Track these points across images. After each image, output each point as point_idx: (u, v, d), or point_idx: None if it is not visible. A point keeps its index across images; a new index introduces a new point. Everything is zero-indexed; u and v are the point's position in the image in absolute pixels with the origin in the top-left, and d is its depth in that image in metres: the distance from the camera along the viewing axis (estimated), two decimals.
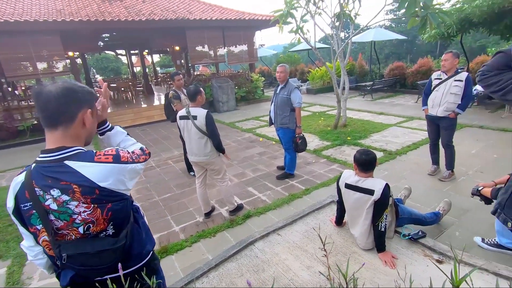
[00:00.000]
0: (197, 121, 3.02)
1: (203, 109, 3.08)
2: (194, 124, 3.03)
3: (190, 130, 3.09)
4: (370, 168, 2.30)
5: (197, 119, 3.02)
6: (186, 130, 3.13)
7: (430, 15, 3.88)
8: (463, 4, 6.74)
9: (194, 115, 3.03)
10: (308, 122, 7.81)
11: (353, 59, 14.12)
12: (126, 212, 1.13)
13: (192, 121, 3.04)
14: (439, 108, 3.81)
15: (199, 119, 3.01)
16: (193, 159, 3.23)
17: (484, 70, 1.37)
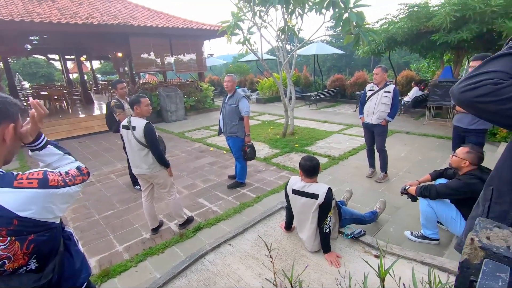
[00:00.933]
0: (136, 132, 2.88)
1: (143, 119, 2.93)
2: (134, 135, 2.89)
3: (131, 141, 2.92)
4: (314, 174, 2.42)
5: (135, 130, 2.88)
6: (127, 140, 2.95)
7: (362, 33, 4.32)
8: (389, 25, 7.65)
9: (134, 126, 2.89)
10: (258, 131, 7.97)
11: (298, 70, 14.94)
12: (53, 242, 0.98)
13: (131, 132, 2.90)
14: (373, 116, 4.22)
15: (138, 130, 2.87)
16: (136, 172, 3.04)
17: (497, 77, 0.73)
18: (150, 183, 3.18)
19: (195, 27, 10.71)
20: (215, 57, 21.74)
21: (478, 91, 0.75)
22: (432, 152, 5.54)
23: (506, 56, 0.77)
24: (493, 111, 0.74)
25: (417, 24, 6.92)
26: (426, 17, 6.78)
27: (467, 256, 0.70)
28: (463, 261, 0.70)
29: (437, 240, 2.74)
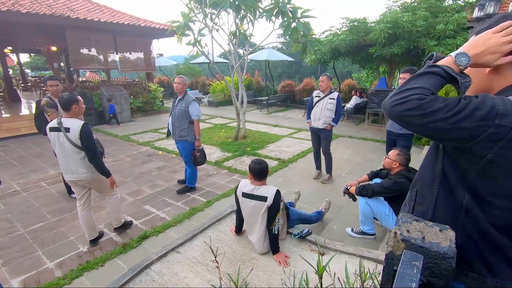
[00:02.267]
0: (70, 134, 2.62)
1: (78, 120, 2.68)
2: (67, 138, 2.62)
3: (63, 144, 2.63)
4: (263, 176, 2.47)
5: (70, 131, 2.62)
6: (58, 144, 2.65)
7: (308, 42, 4.57)
8: (333, 37, 8.24)
9: (67, 127, 2.62)
10: (210, 134, 7.87)
11: (250, 75, 15.18)
12: None
13: (64, 134, 2.62)
14: (319, 121, 4.47)
15: (73, 132, 2.61)
16: (70, 178, 2.74)
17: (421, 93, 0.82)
18: (87, 190, 2.91)
19: (143, 24, 10.18)
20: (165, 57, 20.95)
21: (405, 106, 0.83)
22: (370, 154, 6.08)
23: (426, 74, 0.87)
24: (418, 124, 0.83)
25: (357, 38, 7.58)
26: (365, 31, 7.47)
27: (392, 248, 0.77)
28: (388, 253, 0.78)
29: (373, 235, 3.01)
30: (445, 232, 0.77)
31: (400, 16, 6.64)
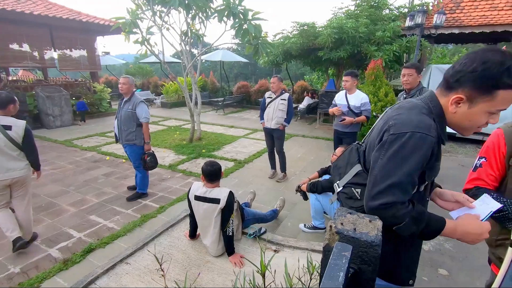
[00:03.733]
0: (12, 132, 2.60)
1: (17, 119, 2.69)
2: (6, 135, 2.57)
3: None
4: (216, 178, 2.45)
5: (12, 129, 2.60)
6: None
7: (260, 44, 4.65)
8: (285, 40, 8.50)
9: (7, 125, 2.59)
10: (164, 137, 7.56)
11: (205, 76, 14.95)
12: None
13: (2, 131, 2.55)
14: (272, 121, 4.57)
15: (16, 130, 2.62)
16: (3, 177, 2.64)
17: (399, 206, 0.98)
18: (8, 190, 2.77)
19: (84, 19, 9.39)
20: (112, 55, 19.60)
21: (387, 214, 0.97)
22: (322, 152, 6.40)
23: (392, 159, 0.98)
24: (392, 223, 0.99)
25: (307, 41, 7.93)
26: (314, 35, 7.84)
27: (328, 241, 0.82)
28: (325, 245, 0.82)
29: (324, 229, 3.17)
30: (374, 222, 0.84)
31: (344, 23, 7.11)
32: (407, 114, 1.02)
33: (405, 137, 0.95)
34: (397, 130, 0.98)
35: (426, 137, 0.94)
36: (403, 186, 0.97)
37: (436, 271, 2.62)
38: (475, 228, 0.98)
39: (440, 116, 1.01)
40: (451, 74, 0.97)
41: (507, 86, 0.85)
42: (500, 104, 0.89)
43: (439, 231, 0.99)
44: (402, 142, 0.96)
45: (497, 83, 0.86)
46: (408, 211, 0.96)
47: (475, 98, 0.92)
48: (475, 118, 0.95)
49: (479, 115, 0.93)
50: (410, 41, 6.70)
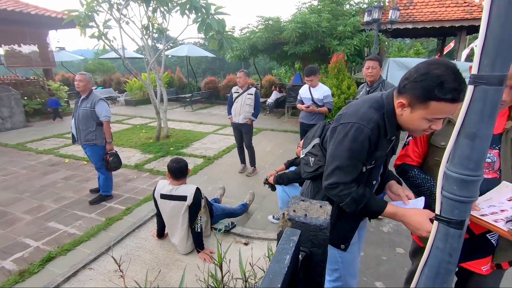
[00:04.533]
0: None
1: None
2: None
3: None
4: (182, 175, 2.42)
5: None
6: None
7: (224, 39, 4.61)
8: (251, 34, 8.49)
9: None
10: (129, 136, 7.27)
11: (172, 71, 14.53)
12: None
13: None
14: (239, 116, 4.57)
15: None
16: None
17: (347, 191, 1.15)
18: None
19: (33, 12, 8.64)
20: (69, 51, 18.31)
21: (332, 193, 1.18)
22: (290, 145, 6.54)
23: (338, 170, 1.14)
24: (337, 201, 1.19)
25: (272, 36, 7.99)
26: (279, 30, 7.92)
27: (281, 228, 0.85)
28: (279, 232, 0.85)
29: None
30: (324, 207, 0.89)
31: (308, 17, 7.25)
32: (357, 106, 1.14)
33: (348, 127, 1.08)
34: (344, 120, 1.12)
35: (363, 129, 1.05)
36: (345, 169, 1.11)
37: (394, 250, 2.82)
38: (415, 222, 1.07)
39: (391, 114, 1.11)
40: (401, 80, 1.06)
41: (437, 98, 0.93)
42: (434, 113, 0.97)
43: (378, 213, 1.14)
44: (346, 131, 1.09)
45: (429, 95, 0.94)
46: (349, 192, 1.11)
47: (415, 105, 1.01)
48: (416, 123, 1.04)
49: (419, 120, 1.02)
50: (369, 36, 7.02)
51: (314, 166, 1.30)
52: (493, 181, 1.13)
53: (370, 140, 1.07)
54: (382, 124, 1.09)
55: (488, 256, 1.18)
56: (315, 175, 1.31)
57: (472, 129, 0.58)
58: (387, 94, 1.13)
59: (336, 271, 1.41)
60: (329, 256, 1.42)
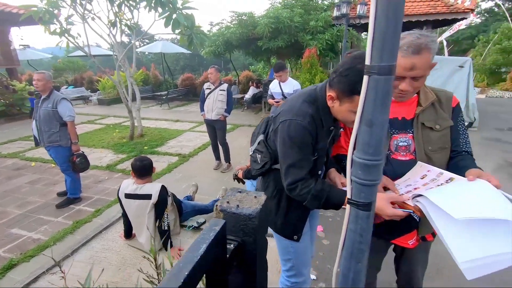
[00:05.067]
0: None
1: None
2: None
3: None
4: (146, 174, 2.39)
5: None
6: None
7: (193, 35, 4.54)
8: (225, 30, 8.43)
9: None
10: (101, 136, 7.05)
11: (147, 69, 14.17)
12: None
13: None
14: (212, 112, 4.55)
15: None
16: None
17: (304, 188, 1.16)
18: None
19: None
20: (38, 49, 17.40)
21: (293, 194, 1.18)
22: None
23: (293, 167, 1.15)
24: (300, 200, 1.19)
25: (246, 31, 7.96)
26: (252, 25, 7.91)
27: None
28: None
29: None
30: (258, 198, 0.91)
31: (280, 12, 7.29)
32: (292, 102, 1.18)
33: (286, 125, 1.11)
34: (282, 118, 1.14)
35: (300, 124, 1.09)
36: (297, 165, 1.13)
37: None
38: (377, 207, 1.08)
39: (324, 106, 1.15)
40: (331, 73, 1.10)
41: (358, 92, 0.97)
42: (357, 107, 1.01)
43: (340, 204, 1.13)
44: (285, 129, 1.11)
45: (353, 89, 0.97)
46: (308, 190, 1.12)
47: (342, 98, 1.05)
48: (345, 115, 1.08)
49: (347, 113, 1.06)
50: (340, 30, 7.16)
51: (261, 163, 1.31)
52: (410, 162, 1.21)
53: (310, 134, 1.10)
54: (317, 116, 1.12)
55: (413, 231, 1.26)
56: (262, 172, 1.33)
57: (369, 116, 0.62)
58: (320, 86, 1.17)
59: (289, 261, 1.45)
60: (282, 247, 1.46)
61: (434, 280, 2.21)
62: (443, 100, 1.24)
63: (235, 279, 0.93)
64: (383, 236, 1.32)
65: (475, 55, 15.97)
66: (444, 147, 1.22)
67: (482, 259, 0.82)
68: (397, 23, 0.56)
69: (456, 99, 1.27)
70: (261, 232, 0.88)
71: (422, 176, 1.15)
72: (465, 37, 22.42)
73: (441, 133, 1.21)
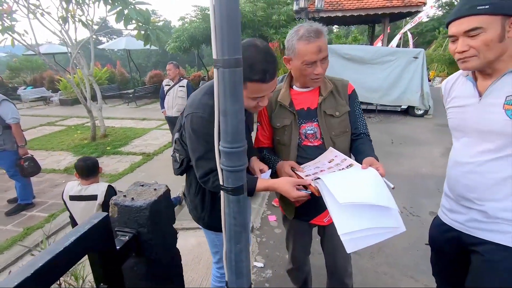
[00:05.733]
0: None
1: None
2: None
3: None
4: (91, 174, 2.33)
5: None
6: None
7: (149, 30, 4.44)
8: (189, 25, 8.29)
9: None
10: (61, 138, 6.74)
11: (112, 66, 13.64)
12: None
13: None
14: (173, 109, 4.50)
15: None
16: None
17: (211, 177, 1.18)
18: None
19: None
20: None
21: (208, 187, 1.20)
22: None
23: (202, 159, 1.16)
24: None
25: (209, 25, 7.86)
26: None
27: (111, 214, 0.90)
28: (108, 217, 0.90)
29: None
30: (158, 190, 0.94)
31: (243, 7, 7.27)
32: (194, 96, 1.20)
33: (189, 120, 1.13)
34: (185, 113, 1.18)
35: (201, 116, 1.11)
36: (205, 157, 1.14)
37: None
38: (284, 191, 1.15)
39: None
40: None
41: (250, 79, 1.02)
42: (253, 92, 1.06)
43: (252, 191, 1.17)
44: (189, 124, 1.13)
45: (244, 77, 1.01)
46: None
47: None
48: (245, 102, 1.09)
49: (246, 99, 1.09)
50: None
51: (179, 161, 1.32)
52: (319, 147, 1.32)
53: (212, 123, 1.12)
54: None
55: (326, 210, 1.36)
56: (183, 170, 1.34)
57: (223, 106, 0.66)
58: None
59: (217, 253, 1.48)
60: (210, 240, 1.49)
61: (375, 258, 2.37)
62: (339, 88, 1.34)
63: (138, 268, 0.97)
64: (302, 217, 1.41)
65: (437, 46, 16.84)
66: (345, 131, 1.33)
67: (358, 232, 0.93)
68: (235, 21, 0.61)
69: (351, 86, 1.38)
70: (158, 222, 0.92)
71: (330, 160, 1.25)
72: (428, 29, 23.55)
73: (340, 118, 1.31)
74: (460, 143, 1.14)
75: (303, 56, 1.18)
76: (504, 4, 0.90)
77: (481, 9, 0.91)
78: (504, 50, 0.94)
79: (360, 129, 1.35)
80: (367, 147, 1.28)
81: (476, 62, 0.97)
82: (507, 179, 0.98)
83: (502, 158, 0.98)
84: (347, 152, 1.34)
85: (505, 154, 0.97)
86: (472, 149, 1.07)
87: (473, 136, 1.08)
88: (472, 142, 1.08)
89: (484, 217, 1.05)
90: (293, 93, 1.36)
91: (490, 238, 1.04)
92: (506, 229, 1.01)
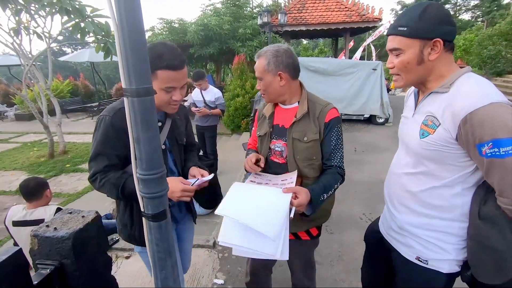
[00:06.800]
0: None
1: None
2: None
3: None
4: (34, 197, 2.18)
5: None
6: None
7: (109, 43, 4.33)
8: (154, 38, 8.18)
9: None
10: (14, 156, 6.28)
11: (75, 78, 13.05)
12: None
13: None
14: None
15: None
16: None
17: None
18: None
19: None
20: None
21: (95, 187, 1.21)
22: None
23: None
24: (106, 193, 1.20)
25: (176, 38, 7.85)
26: (183, 32, 7.82)
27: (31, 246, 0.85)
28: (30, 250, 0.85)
29: None
30: (86, 217, 0.91)
31: (209, 20, 7.34)
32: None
33: (99, 120, 1.17)
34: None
35: (105, 118, 1.14)
36: (96, 158, 1.16)
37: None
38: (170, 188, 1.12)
39: None
40: None
41: (158, 67, 1.07)
42: (163, 82, 1.09)
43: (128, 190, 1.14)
44: (96, 123, 1.19)
45: (153, 66, 1.04)
46: (108, 179, 1.14)
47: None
48: (158, 97, 1.11)
49: (158, 92, 1.10)
50: (267, 37, 7.47)
51: None
52: (283, 165, 1.35)
53: (115, 129, 1.12)
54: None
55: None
56: None
57: (135, 134, 0.66)
58: None
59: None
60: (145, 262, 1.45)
61: (334, 266, 2.43)
62: (316, 113, 1.27)
63: None
64: None
65: None
66: (310, 158, 1.28)
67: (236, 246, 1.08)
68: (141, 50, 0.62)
69: (333, 113, 1.29)
70: (85, 252, 0.88)
71: (283, 179, 1.29)
72: None
73: (308, 145, 1.27)
74: (396, 153, 1.22)
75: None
76: (420, 28, 0.92)
77: (401, 30, 0.94)
78: (426, 72, 0.96)
79: (333, 161, 1.29)
80: (323, 178, 1.27)
81: (401, 82, 1.02)
82: (415, 194, 1.05)
83: (414, 174, 1.05)
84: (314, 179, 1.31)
85: (417, 171, 1.04)
86: (401, 160, 1.15)
87: (402, 148, 1.15)
88: (401, 154, 1.16)
89: (397, 227, 1.14)
90: (277, 108, 1.40)
91: (398, 247, 1.15)
92: (409, 242, 1.09)
